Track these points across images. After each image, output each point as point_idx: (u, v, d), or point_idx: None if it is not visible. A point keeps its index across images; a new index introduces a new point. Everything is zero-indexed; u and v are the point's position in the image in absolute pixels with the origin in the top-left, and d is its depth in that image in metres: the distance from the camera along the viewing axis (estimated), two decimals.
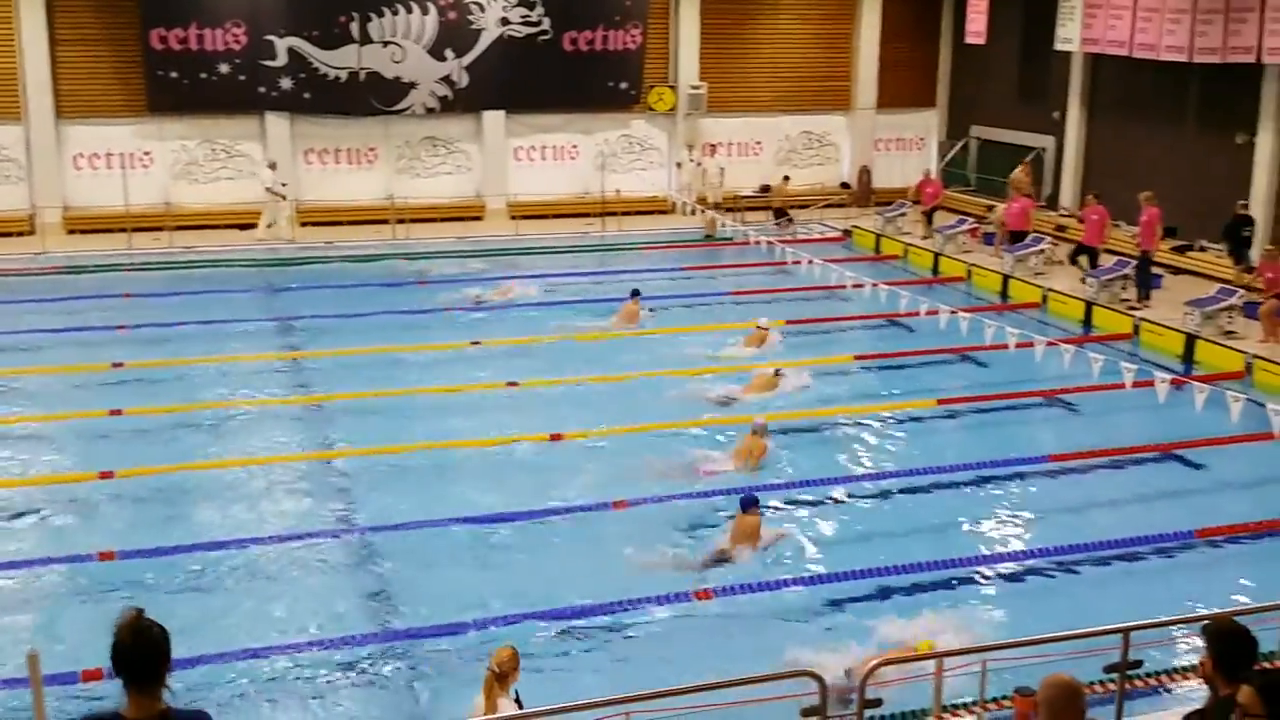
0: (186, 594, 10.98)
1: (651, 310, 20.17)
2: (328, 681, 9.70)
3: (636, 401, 16.08)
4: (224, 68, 26.10)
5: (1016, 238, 23.50)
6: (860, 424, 15.69)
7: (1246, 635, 5.42)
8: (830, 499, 13.38)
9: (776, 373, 16.71)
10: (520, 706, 7.34)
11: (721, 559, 11.56)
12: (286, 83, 26.52)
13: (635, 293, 20.26)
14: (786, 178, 29.11)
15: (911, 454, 14.67)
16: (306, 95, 26.71)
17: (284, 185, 25.99)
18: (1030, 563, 11.74)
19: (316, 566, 11.65)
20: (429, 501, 12.88)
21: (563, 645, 10.22)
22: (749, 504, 11.87)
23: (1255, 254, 20.46)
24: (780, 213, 27.89)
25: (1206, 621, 5.61)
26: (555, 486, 13.38)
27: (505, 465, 14.08)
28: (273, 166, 26.17)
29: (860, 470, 14.23)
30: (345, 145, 27.63)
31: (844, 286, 20.57)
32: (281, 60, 26.40)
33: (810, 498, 13.28)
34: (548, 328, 19.42)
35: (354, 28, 26.71)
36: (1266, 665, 7.83)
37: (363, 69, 26.85)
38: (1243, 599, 10.50)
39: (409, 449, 14.36)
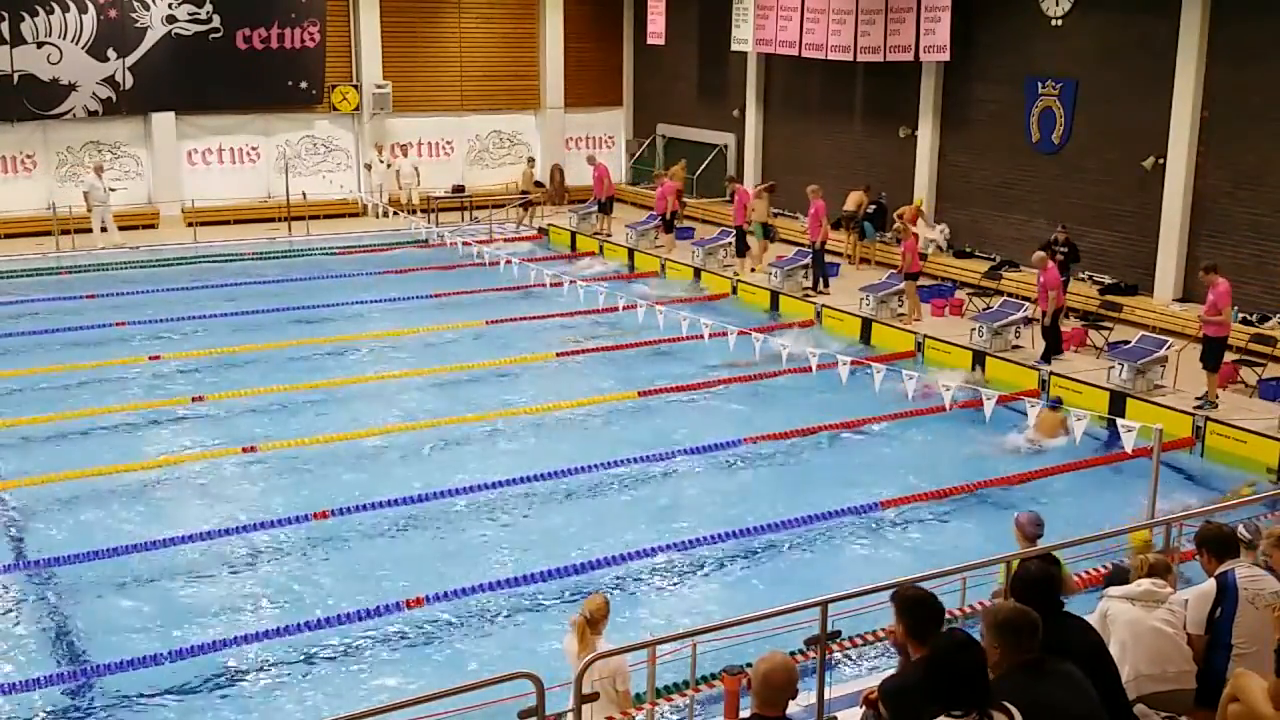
0: None
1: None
2: None
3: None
4: None
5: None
6: (565, 419, 15.76)
7: (932, 600, 5.71)
8: (568, 489, 13.42)
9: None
10: None
11: None
12: None
13: None
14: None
15: (617, 443, 14.81)
16: None
17: (111, 190, 24.69)
18: (734, 543, 12.05)
19: None
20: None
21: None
22: None
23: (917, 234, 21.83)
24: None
25: (894, 591, 5.87)
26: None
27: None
28: (99, 170, 24.78)
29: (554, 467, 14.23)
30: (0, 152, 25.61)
31: (543, 285, 20.64)
32: None
33: (525, 490, 13.25)
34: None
35: (4, 28, 24.77)
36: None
37: (16, 71, 25.01)
38: (924, 564, 11.11)
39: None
